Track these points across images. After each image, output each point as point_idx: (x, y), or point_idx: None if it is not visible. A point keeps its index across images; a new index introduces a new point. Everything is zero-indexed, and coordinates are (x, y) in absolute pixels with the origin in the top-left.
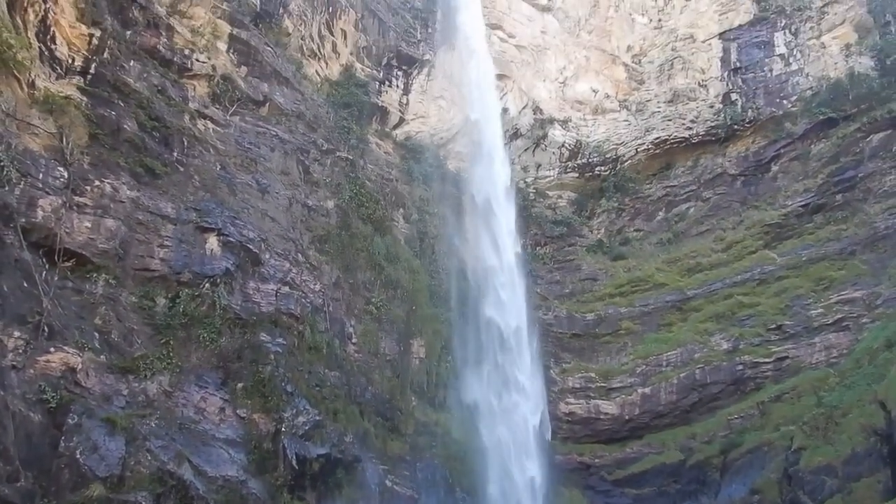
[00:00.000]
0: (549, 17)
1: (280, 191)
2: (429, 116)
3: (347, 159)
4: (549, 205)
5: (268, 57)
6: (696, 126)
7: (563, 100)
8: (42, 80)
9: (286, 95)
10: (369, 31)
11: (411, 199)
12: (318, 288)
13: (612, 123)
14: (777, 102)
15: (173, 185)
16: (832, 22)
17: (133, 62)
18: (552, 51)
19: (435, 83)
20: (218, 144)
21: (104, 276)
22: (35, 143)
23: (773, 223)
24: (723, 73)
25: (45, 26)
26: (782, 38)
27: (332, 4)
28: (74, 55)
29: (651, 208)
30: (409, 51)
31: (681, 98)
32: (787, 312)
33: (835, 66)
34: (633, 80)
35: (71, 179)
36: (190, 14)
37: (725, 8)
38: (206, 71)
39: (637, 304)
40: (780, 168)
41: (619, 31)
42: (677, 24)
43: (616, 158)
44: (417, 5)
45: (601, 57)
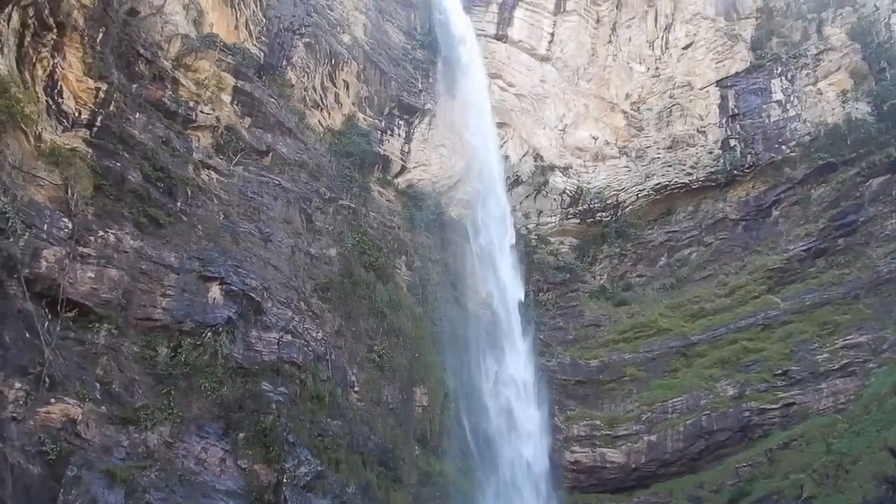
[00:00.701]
0: (547, 66)
1: (283, 239)
2: (430, 164)
3: (350, 207)
4: (552, 251)
5: (271, 108)
6: (696, 172)
7: (564, 147)
8: (49, 132)
9: (289, 145)
10: (371, 81)
11: (413, 247)
12: (320, 336)
13: (612, 170)
14: (776, 148)
15: (177, 235)
16: (828, 69)
17: (139, 114)
18: (551, 99)
19: (436, 132)
20: (221, 194)
21: (106, 326)
22: (40, 194)
23: (776, 268)
24: (721, 119)
25: (52, 80)
26: (779, 85)
27: (334, 56)
28: (81, 108)
29: (653, 254)
30: (411, 100)
31: (680, 144)
32: (792, 358)
33: (832, 111)
34: (633, 127)
35: (75, 230)
36: (195, 67)
37: (722, 56)
38: (210, 122)
39: (641, 350)
40: (780, 213)
41: (618, 79)
42: (675, 72)
43: (617, 204)
44: (418, 56)
45: (600, 105)
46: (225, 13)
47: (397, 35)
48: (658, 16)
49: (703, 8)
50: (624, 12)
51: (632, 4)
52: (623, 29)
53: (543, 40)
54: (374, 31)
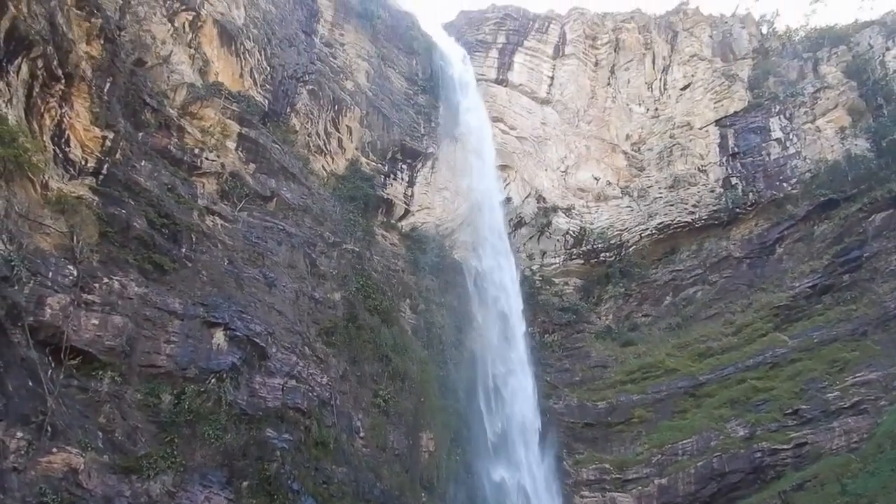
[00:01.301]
0: (548, 109)
1: (287, 284)
2: (434, 207)
3: (354, 251)
4: (556, 292)
5: (275, 154)
6: (699, 210)
7: (566, 188)
8: (55, 181)
9: (293, 190)
10: (374, 126)
11: (418, 290)
12: (324, 381)
13: (615, 210)
14: (777, 185)
15: (181, 281)
16: (825, 106)
17: (144, 162)
18: (553, 141)
19: (439, 175)
20: (226, 240)
21: (110, 374)
22: (46, 242)
23: (782, 305)
24: (721, 158)
25: (60, 130)
26: (778, 124)
27: (337, 102)
28: (88, 157)
29: (658, 293)
30: (414, 144)
31: (681, 183)
32: (802, 396)
33: (831, 148)
34: (634, 167)
35: (80, 277)
36: (200, 115)
37: (720, 96)
38: (215, 169)
39: (649, 391)
40: (784, 250)
41: (618, 120)
42: (674, 112)
43: (621, 244)
44: (420, 101)
45: (601, 146)
46: (230, 62)
47: (399, 81)
48: (655, 58)
49: (699, 50)
50: (622, 55)
51: (629, 47)
52: (621, 71)
53: (543, 84)
54: (376, 78)
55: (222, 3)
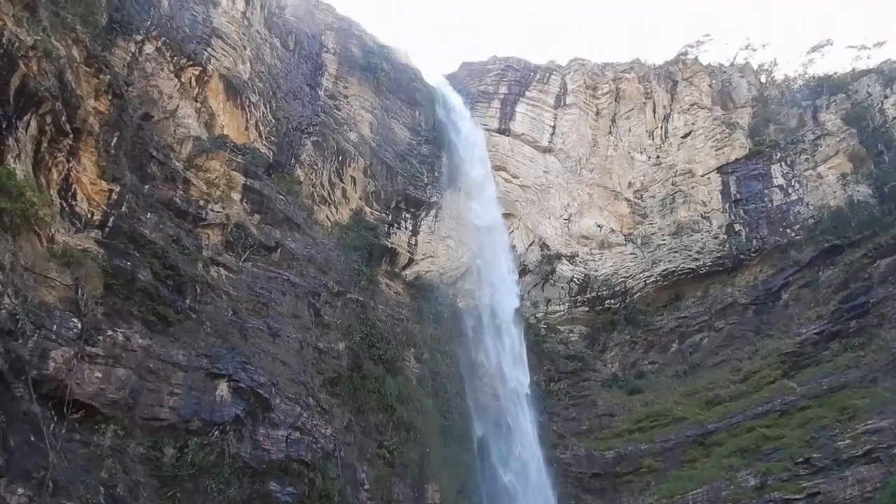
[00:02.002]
0: (550, 157)
1: (291, 334)
2: (437, 256)
3: (358, 301)
4: (561, 339)
5: (280, 205)
6: (703, 257)
7: (569, 236)
8: (61, 234)
9: (298, 241)
10: (378, 176)
11: (422, 339)
12: (329, 432)
13: (618, 257)
14: (781, 231)
15: (185, 332)
16: (826, 153)
17: (150, 214)
18: (555, 189)
19: (442, 224)
20: (230, 290)
21: (112, 427)
22: (51, 295)
23: (790, 352)
24: (724, 204)
25: (67, 184)
26: (779, 170)
27: (341, 153)
28: (94, 210)
29: (664, 340)
30: (417, 194)
31: (685, 230)
32: (813, 444)
33: (833, 194)
34: (637, 214)
35: (84, 330)
36: (206, 167)
37: (721, 144)
38: (220, 220)
39: (657, 440)
40: (790, 296)
41: (620, 168)
42: (675, 160)
43: (625, 291)
44: (424, 151)
45: (604, 193)
46: (235, 115)
47: (403, 131)
48: (656, 107)
49: (699, 98)
50: (622, 104)
51: (630, 97)
52: (622, 120)
53: (545, 133)
54: (380, 129)
55: (228, 58)
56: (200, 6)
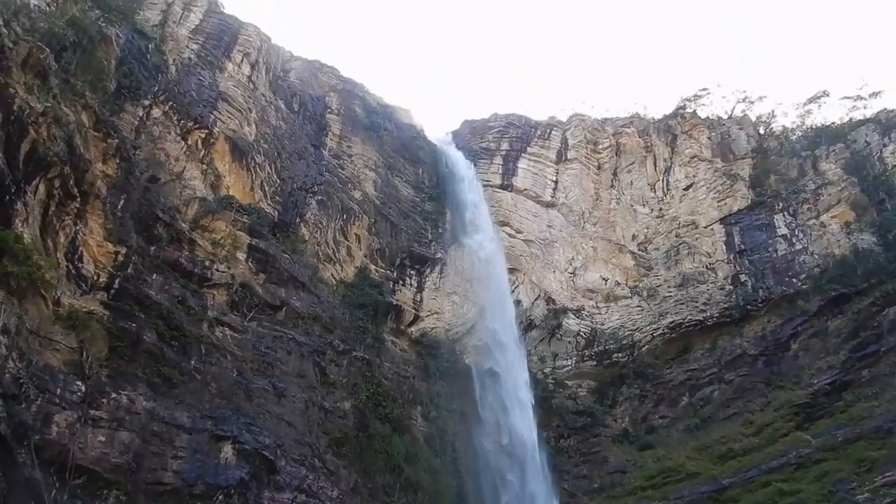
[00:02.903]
0: (553, 212)
1: (296, 394)
2: (443, 312)
3: (364, 359)
4: (570, 395)
5: (285, 264)
6: (710, 308)
7: (575, 289)
8: (67, 296)
9: (303, 299)
10: (382, 234)
11: (429, 396)
12: (335, 494)
13: (625, 310)
14: (787, 281)
15: (190, 394)
16: (828, 202)
17: (156, 275)
18: (559, 243)
19: (447, 280)
20: (235, 350)
21: (115, 493)
22: (55, 358)
23: (802, 403)
24: (729, 255)
25: (74, 246)
26: (782, 220)
27: (346, 212)
28: (100, 272)
29: (674, 393)
30: (421, 250)
31: (690, 282)
32: (831, 499)
33: (838, 243)
34: (642, 266)
35: (88, 393)
36: (212, 228)
37: (722, 195)
38: (225, 280)
39: (671, 497)
40: (799, 346)
41: (623, 221)
42: (678, 212)
43: (633, 344)
44: (427, 208)
45: (608, 247)
46: (241, 176)
47: (406, 189)
48: (657, 160)
49: (699, 151)
50: (623, 158)
51: (630, 150)
52: (624, 174)
53: (548, 188)
54: (384, 187)
55: (234, 121)
56: (207, 71)
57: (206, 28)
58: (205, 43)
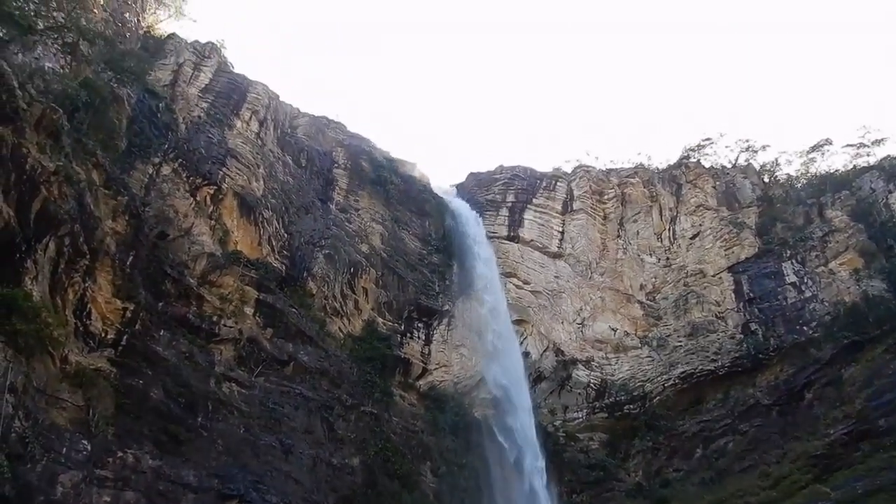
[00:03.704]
0: (560, 262)
1: (304, 450)
2: (451, 365)
3: (372, 413)
4: (581, 448)
5: (292, 318)
6: (721, 358)
7: (584, 340)
8: (75, 354)
9: (310, 353)
10: (389, 287)
11: (438, 451)
12: None
13: (635, 360)
14: (798, 329)
15: (196, 452)
16: (836, 249)
17: (163, 331)
18: (567, 294)
19: (455, 332)
20: (242, 406)
21: None
22: (62, 417)
23: (819, 454)
24: (738, 304)
25: (82, 303)
26: (791, 268)
27: (353, 265)
28: (108, 328)
29: (688, 445)
30: (429, 303)
31: (700, 331)
32: None
33: (848, 290)
34: (651, 316)
35: (93, 452)
36: (220, 283)
37: (730, 244)
38: (232, 335)
39: None
40: (814, 395)
41: (630, 271)
42: (685, 261)
43: (644, 395)
44: (434, 260)
45: (616, 297)
46: (249, 231)
47: (413, 242)
48: (662, 209)
49: (704, 200)
50: (629, 208)
51: (636, 200)
52: (630, 223)
53: (554, 238)
54: (390, 239)
55: (242, 177)
56: (216, 128)
57: (215, 87)
58: (214, 101)
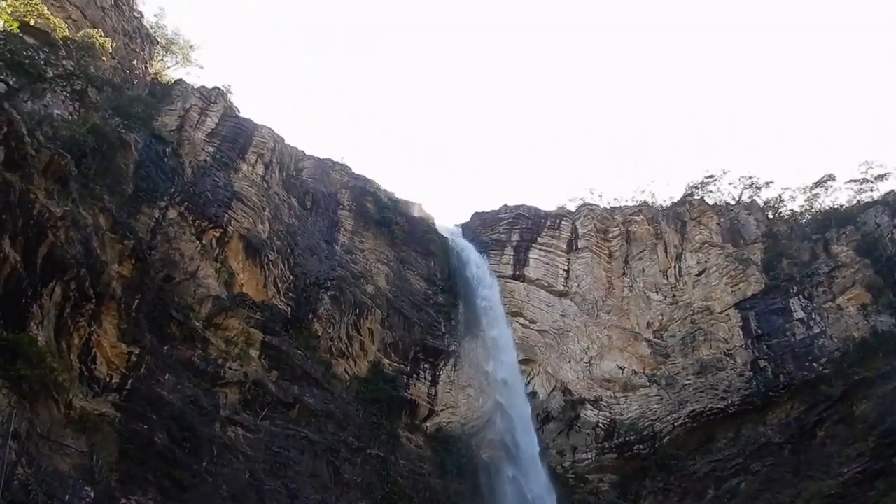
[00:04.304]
0: (566, 301)
1: (310, 495)
2: (458, 406)
3: (378, 456)
4: (591, 490)
5: (298, 360)
6: (730, 396)
7: (591, 379)
8: (79, 399)
9: (316, 396)
10: (395, 327)
11: (446, 495)
12: None
13: (643, 399)
14: (807, 366)
15: (201, 497)
16: (843, 285)
17: (168, 375)
18: (574, 333)
19: (462, 373)
20: (247, 451)
21: None
22: (65, 462)
23: (834, 493)
24: (746, 341)
25: (87, 348)
26: (798, 304)
27: (359, 306)
28: (112, 373)
29: (699, 486)
30: (435, 343)
31: (709, 369)
32: None
33: (856, 326)
34: (658, 354)
35: (96, 499)
36: (225, 325)
37: (736, 280)
38: (238, 378)
39: None
40: (826, 433)
41: (637, 309)
42: (692, 298)
43: (654, 435)
44: (440, 300)
45: (623, 335)
46: (254, 273)
47: (418, 282)
48: (667, 247)
49: (709, 237)
50: (634, 246)
51: (640, 238)
52: (635, 261)
53: (560, 277)
54: (396, 280)
55: (248, 219)
56: (222, 172)
57: (221, 131)
58: (220, 145)
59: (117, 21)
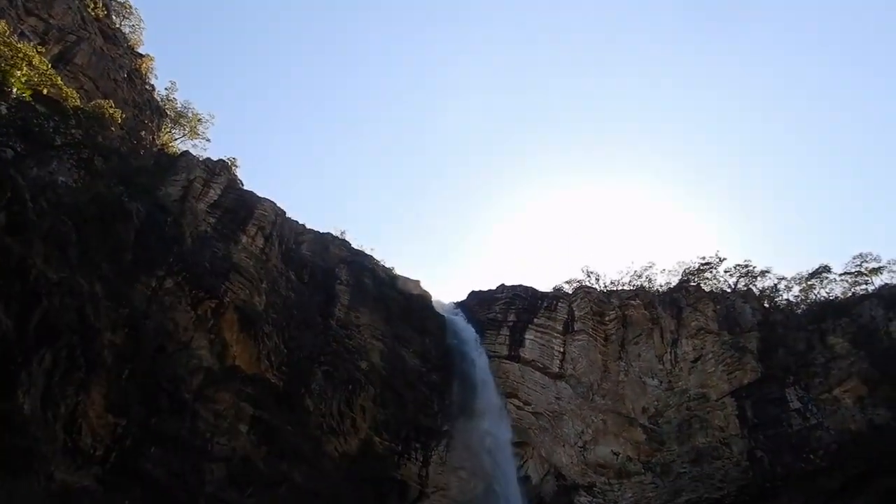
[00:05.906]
0: (561, 383)
1: None
2: (449, 488)
3: None
4: None
5: (288, 436)
6: (727, 486)
7: (585, 464)
8: (61, 471)
9: (304, 474)
10: (388, 405)
11: None
12: None
13: (638, 487)
14: (805, 458)
15: None
16: (839, 376)
17: (154, 448)
18: (568, 416)
19: (454, 454)
20: None
21: None
22: None
23: None
24: (742, 430)
25: (73, 418)
26: (794, 394)
27: (352, 382)
28: (97, 444)
29: None
30: (427, 422)
31: (705, 457)
32: None
33: (853, 418)
34: (654, 440)
35: None
36: (215, 398)
37: (732, 368)
38: (225, 454)
39: None
40: None
41: (632, 393)
42: (688, 384)
43: None
44: (434, 378)
45: (618, 419)
46: (248, 346)
47: (413, 359)
48: (663, 332)
49: (705, 323)
50: (630, 330)
51: (637, 322)
52: (631, 345)
53: (555, 359)
54: (390, 357)
55: (245, 291)
56: (222, 243)
57: (224, 203)
58: (221, 217)
59: (129, 93)
